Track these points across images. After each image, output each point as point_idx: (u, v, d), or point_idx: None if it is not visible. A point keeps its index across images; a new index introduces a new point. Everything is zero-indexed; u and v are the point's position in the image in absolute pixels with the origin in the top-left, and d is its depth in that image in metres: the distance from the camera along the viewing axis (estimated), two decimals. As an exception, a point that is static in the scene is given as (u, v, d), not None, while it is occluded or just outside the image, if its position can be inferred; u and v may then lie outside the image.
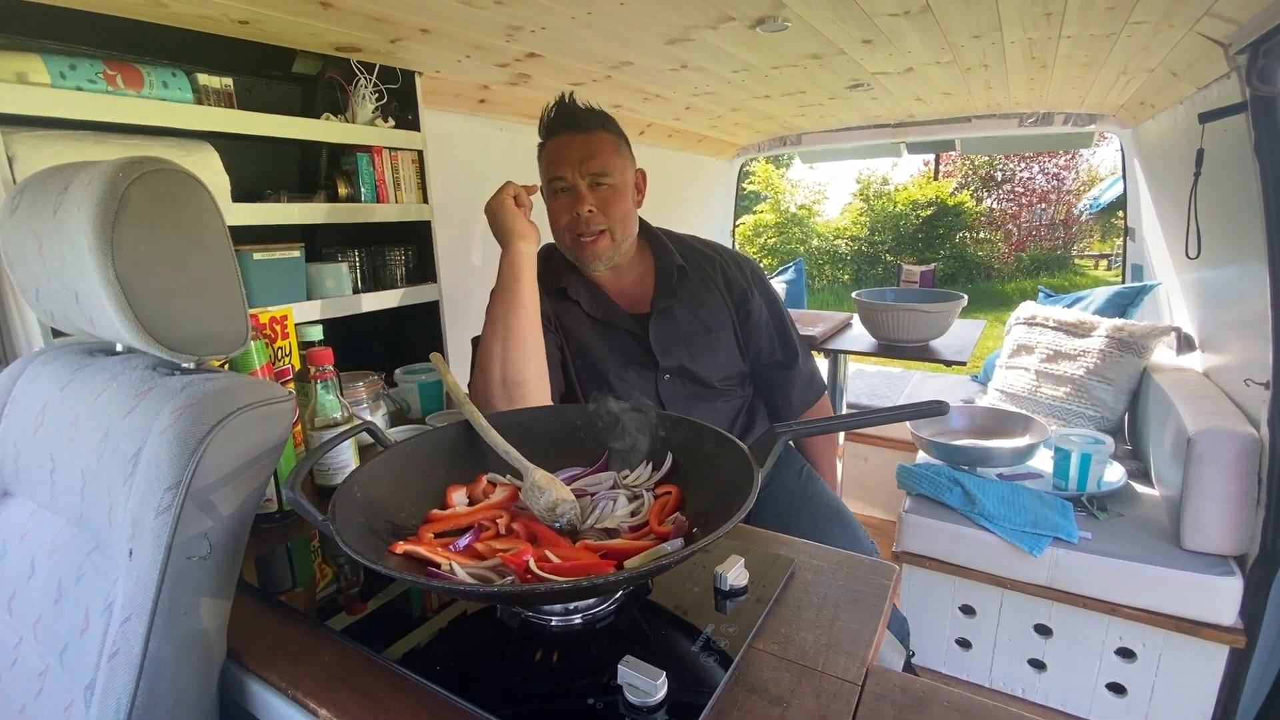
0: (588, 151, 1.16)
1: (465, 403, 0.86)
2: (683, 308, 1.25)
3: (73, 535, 0.67)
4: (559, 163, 1.17)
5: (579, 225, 1.17)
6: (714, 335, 1.26)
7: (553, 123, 1.20)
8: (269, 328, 1.03)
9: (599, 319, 1.23)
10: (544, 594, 0.61)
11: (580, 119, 1.18)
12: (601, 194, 1.17)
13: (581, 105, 1.20)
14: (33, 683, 0.66)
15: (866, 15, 1.31)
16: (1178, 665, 1.45)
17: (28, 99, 0.95)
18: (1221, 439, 1.35)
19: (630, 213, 1.22)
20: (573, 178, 1.16)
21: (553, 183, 1.19)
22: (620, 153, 1.20)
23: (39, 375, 0.76)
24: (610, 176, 1.17)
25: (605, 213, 1.17)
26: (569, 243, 1.21)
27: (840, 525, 1.21)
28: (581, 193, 1.16)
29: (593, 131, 1.18)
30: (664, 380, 1.23)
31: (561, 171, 1.17)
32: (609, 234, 1.18)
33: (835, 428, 0.83)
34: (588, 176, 1.16)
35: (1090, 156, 10.20)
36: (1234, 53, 1.24)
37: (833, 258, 10.26)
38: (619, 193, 1.19)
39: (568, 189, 1.17)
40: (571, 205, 1.17)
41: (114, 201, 0.56)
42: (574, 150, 1.16)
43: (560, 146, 1.18)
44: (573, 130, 1.17)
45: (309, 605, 0.76)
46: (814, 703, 0.57)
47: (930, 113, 2.62)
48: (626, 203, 1.20)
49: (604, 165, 1.16)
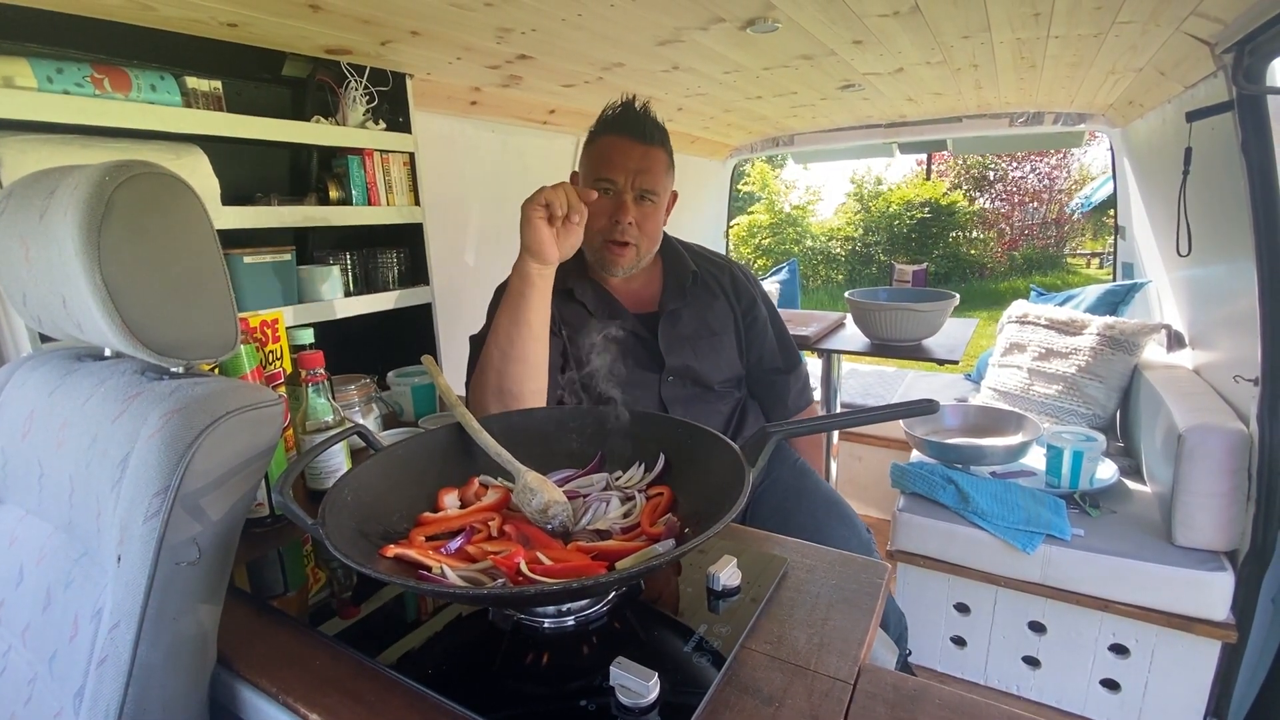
0: (645, 164, 1.15)
1: (457, 405, 0.86)
2: (689, 311, 1.27)
3: (61, 541, 0.67)
4: (612, 165, 1.15)
5: (614, 231, 1.16)
6: (718, 338, 1.27)
7: (616, 121, 1.17)
8: (260, 331, 1.03)
9: (603, 318, 1.23)
10: (535, 596, 0.60)
11: (646, 129, 1.16)
12: (644, 209, 1.17)
13: (648, 113, 1.18)
14: (21, 690, 0.66)
15: (856, 16, 1.31)
16: (1170, 661, 1.45)
17: (14, 102, 0.95)
18: (1212, 435, 1.36)
19: (660, 233, 1.23)
20: (623, 184, 1.15)
21: (599, 182, 1.16)
22: (669, 174, 1.20)
23: (27, 381, 0.75)
24: (656, 195, 1.17)
25: (642, 228, 1.17)
26: (597, 243, 1.19)
27: (837, 515, 1.22)
28: (627, 203, 1.15)
29: (653, 145, 1.16)
30: (667, 382, 1.23)
31: (613, 175, 1.15)
32: (637, 248, 1.18)
33: (826, 426, 0.84)
34: (637, 189, 1.15)
35: (1081, 156, 10.27)
36: (1220, 52, 1.25)
37: (827, 258, 10.29)
38: (657, 211, 1.19)
39: (614, 193, 1.16)
40: (613, 210, 1.16)
41: (100, 205, 0.56)
42: (632, 158, 1.14)
43: (617, 148, 1.15)
44: (635, 137, 1.15)
45: (301, 610, 0.75)
46: (806, 702, 0.57)
47: (922, 113, 2.63)
48: (660, 222, 1.21)
49: (655, 183, 1.16)
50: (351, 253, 1.55)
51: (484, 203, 2.13)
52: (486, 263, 2.15)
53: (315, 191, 1.50)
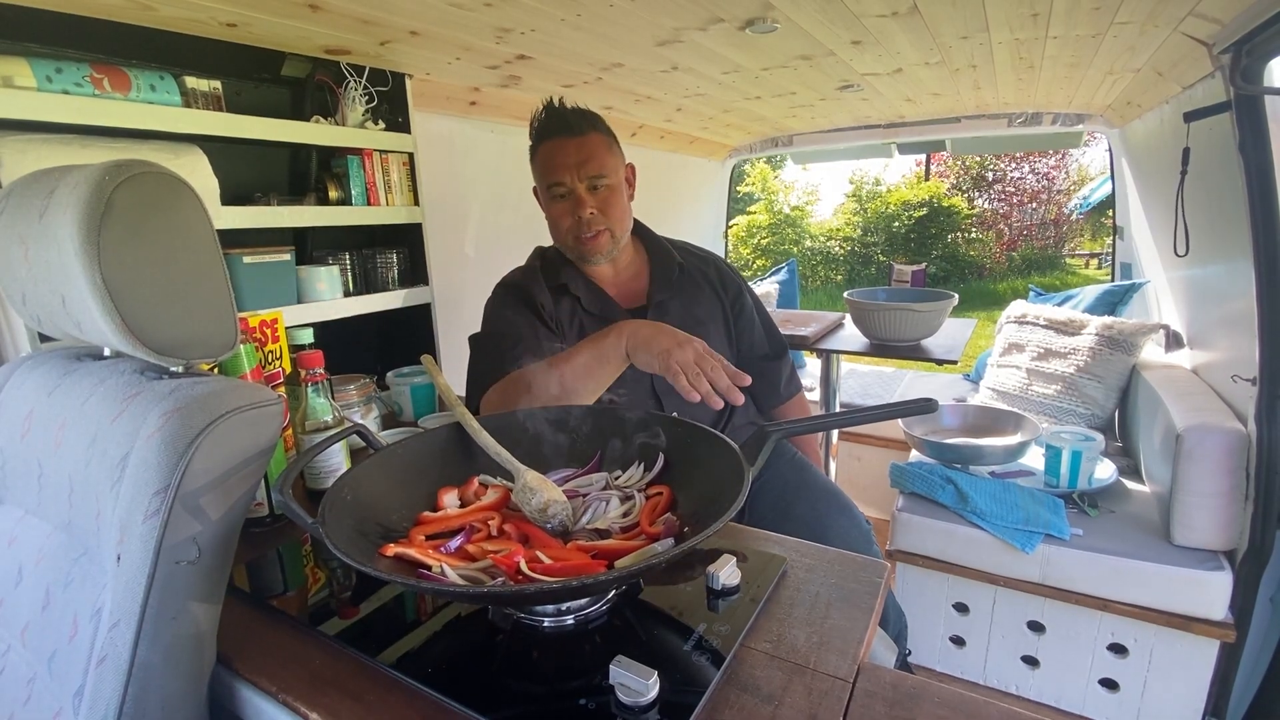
0: (583, 155, 1.17)
1: (456, 404, 0.86)
2: (677, 303, 1.28)
3: (61, 541, 0.67)
4: (556, 168, 1.18)
5: (581, 228, 1.19)
6: (704, 328, 1.28)
7: (544, 127, 1.21)
8: (259, 331, 1.03)
9: (595, 314, 1.25)
10: (535, 594, 0.60)
11: (572, 122, 1.19)
12: (601, 195, 1.19)
13: (569, 107, 1.21)
14: (21, 690, 0.66)
15: (855, 16, 1.31)
16: (1169, 660, 1.46)
17: (13, 102, 0.95)
18: (1210, 435, 1.36)
19: (626, 209, 1.25)
20: (571, 182, 1.17)
21: (551, 189, 1.20)
22: (613, 151, 1.22)
23: (26, 380, 0.75)
24: (607, 177, 1.19)
25: (605, 213, 1.20)
26: (571, 243, 1.23)
27: (837, 507, 1.23)
28: (581, 196, 1.18)
29: (585, 134, 1.19)
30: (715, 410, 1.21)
31: (560, 177, 1.18)
32: (609, 232, 1.21)
33: (824, 426, 0.84)
34: (586, 180, 1.18)
35: (1080, 156, 10.28)
36: (1218, 52, 1.25)
37: (826, 258, 10.30)
38: (616, 192, 1.21)
39: (567, 194, 1.19)
40: (573, 209, 1.19)
41: (100, 205, 0.56)
42: (569, 154, 1.17)
43: (554, 151, 1.18)
44: (565, 134, 1.18)
45: (300, 610, 0.75)
46: (805, 701, 0.57)
47: (920, 113, 2.63)
48: (623, 200, 1.23)
49: (600, 167, 1.18)
50: (351, 253, 1.55)
51: (483, 203, 2.13)
52: (486, 262, 2.15)
53: (314, 191, 1.50)
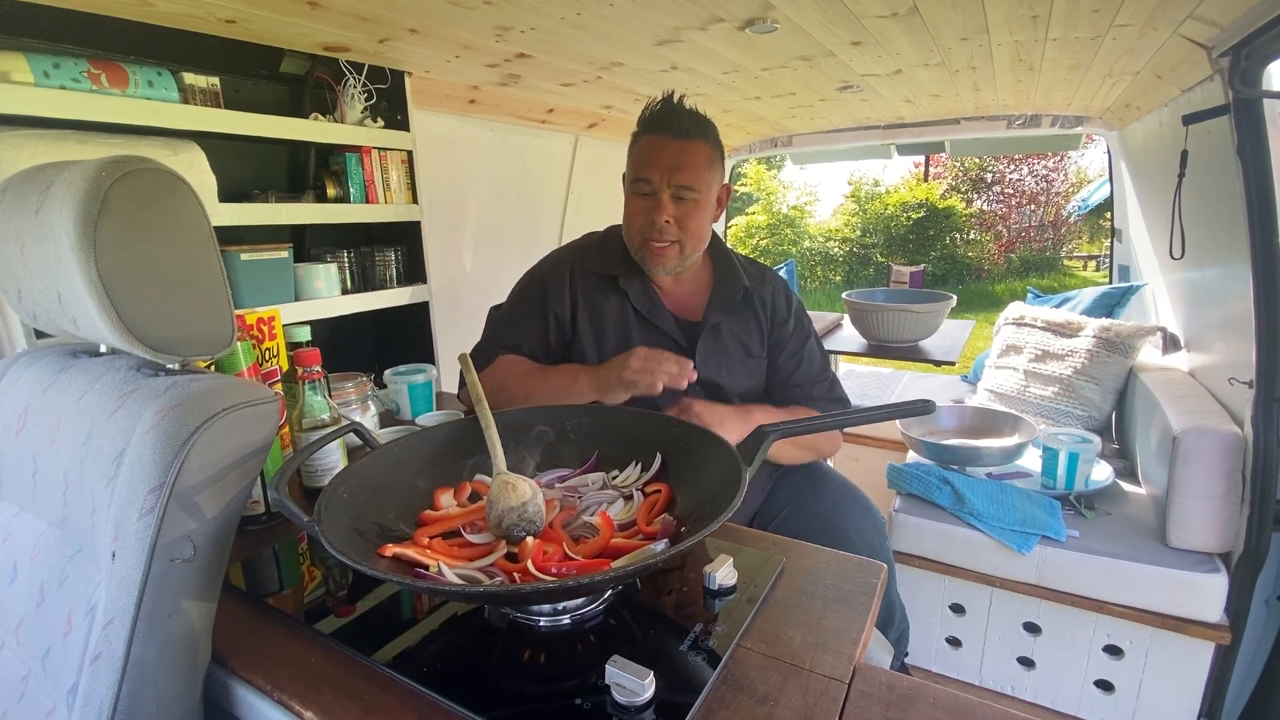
0: (680, 161, 1.12)
1: (481, 401, 0.85)
2: (729, 327, 1.23)
3: (55, 538, 0.66)
4: (648, 164, 1.13)
5: (651, 231, 1.14)
6: (752, 360, 1.25)
7: (653, 119, 1.15)
8: (256, 328, 1.03)
9: (644, 315, 1.21)
10: (531, 594, 0.60)
11: (681, 124, 1.13)
12: (683, 207, 1.14)
13: (686, 108, 1.14)
14: (14, 688, 0.65)
15: (855, 17, 1.31)
16: (1164, 662, 1.46)
17: (10, 98, 0.94)
18: (1206, 438, 1.36)
19: (706, 228, 1.19)
20: (658, 183, 1.12)
21: (637, 182, 1.15)
22: (712, 167, 1.16)
23: (21, 377, 0.75)
24: (696, 191, 1.13)
25: (681, 225, 1.14)
26: (638, 243, 1.18)
27: (852, 499, 1.23)
28: (663, 201, 1.12)
29: (690, 140, 1.13)
30: (691, 389, 1.18)
31: (649, 174, 1.13)
32: (679, 246, 1.16)
33: (821, 426, 0.83)
34: (673, 186, 1.12)
35: (1079, 158, 10.30)
36: (1217, 55, 1.25)
37: (824, 259, 10.31)
38: (700, 207, 1.15)
39: (650, 193, 1.14)
40: (650, 210, 1.14)
41: (96, 201, 0.56)
42: (667, 156, 1.12)
43: (653, 147, 1.13)
44: (670, 134, 1.12)
45: (296, 608, 0.75)
46: (801, 701, 0.57)
47: (919, 114, 2.63)
48: (705, 218, 1.17)
49: (692, 179, 1.12)
50: (349, 250, 1.54)
51: (482, 201, 2.13)
52: (484, 261, 2.15)
53: (313, 189, 1.50)
